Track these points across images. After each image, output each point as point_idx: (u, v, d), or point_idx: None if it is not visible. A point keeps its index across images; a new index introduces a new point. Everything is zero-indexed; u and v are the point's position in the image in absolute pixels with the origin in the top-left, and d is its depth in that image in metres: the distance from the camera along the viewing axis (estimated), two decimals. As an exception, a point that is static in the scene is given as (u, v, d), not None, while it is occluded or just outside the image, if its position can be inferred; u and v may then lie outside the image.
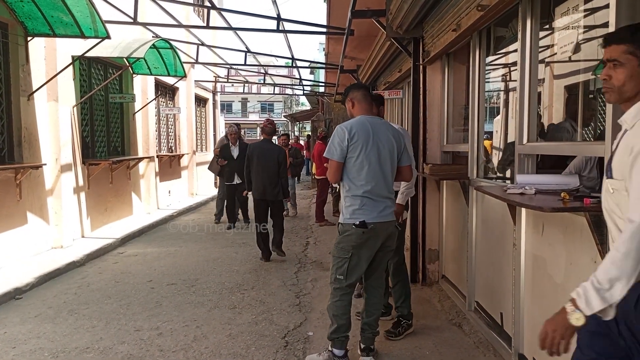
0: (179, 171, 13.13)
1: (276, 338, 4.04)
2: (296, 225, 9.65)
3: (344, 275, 3.37)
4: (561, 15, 3.22)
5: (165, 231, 9.12)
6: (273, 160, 6.58)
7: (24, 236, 6.47)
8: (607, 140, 2.27)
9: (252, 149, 6.74)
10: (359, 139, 3.29)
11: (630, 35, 1.70)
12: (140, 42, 7.98)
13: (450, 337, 4.04)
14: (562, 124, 3.71)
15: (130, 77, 9.95)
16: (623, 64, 1.69)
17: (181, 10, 12.24)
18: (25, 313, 4.69)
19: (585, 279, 1.60)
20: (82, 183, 7.93)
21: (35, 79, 6.70)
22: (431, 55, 5.18)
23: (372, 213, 3.29)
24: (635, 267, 1.51)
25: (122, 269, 6.35)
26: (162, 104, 12.40)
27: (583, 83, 3.55)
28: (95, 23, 6.38)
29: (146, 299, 5.06)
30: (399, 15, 5.22)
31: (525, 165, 3.33)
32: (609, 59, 1.73)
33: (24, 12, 6.25)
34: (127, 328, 4.29)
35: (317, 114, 20.02)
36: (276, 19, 7.78)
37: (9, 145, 6.38)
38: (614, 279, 1.53)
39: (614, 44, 1.72)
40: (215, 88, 17.64)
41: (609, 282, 1.53)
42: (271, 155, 6.61)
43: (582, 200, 2.40)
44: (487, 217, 4.05)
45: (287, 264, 6.50)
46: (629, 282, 1.52)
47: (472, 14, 3.75)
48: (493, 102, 4.91)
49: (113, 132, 9.56)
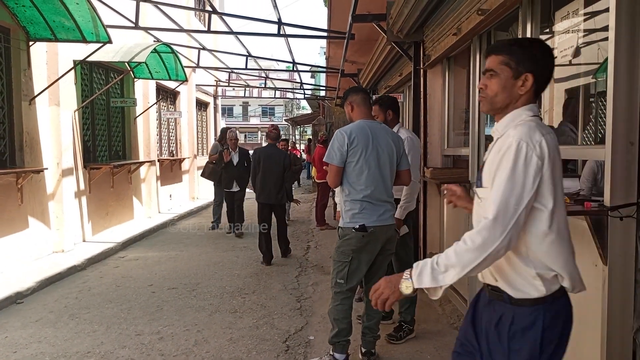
0: (180, 175, 13.14)
1: (277, 342, 4.03)
2: (297, 229, 9.64)
3: (344, 279, 3.37)
4: (561, 19, 3.23)
5: (166, 235, 9.12)
6: (279, 164, 6.76)
7: (25, 240, 6.47)
8: (608, 144, 2.27)
9: (258, 154, 6.87)
10: (358, 144, 3.30)
11: (507, 47, 1.73)
12: (142, 47, 8.01)
13: (452, 341, 4.01)
14: (560, 127, 3.71)
15: (132, 82, 9.97)
16: (498, 74, 1.71)
17: (182, 15, 12.27)
18: (26, 317, 4.69)
19: (586, 282, 1.60)
20: (83, 187, 7.94)
21: (36, 83, 6.72)
22: (432, 59, 5.19)
23: (371, 217, 3.30)
24: (473, 260, 1.54)
25: (123, 273, 6.35)
26: (163, 108, 12.43)
27: (583, 87, 3.55)
28: (97, 28, 6.41)
29: (147, 303, 5.05)
30: (400, 20, 5.24)
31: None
32: (487, 69, 1.75)
33: (26, 16, 6.28)
34: (128, 332, 4.28)
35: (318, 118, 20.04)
36: (277, 23, 7.80)
37: (11, 150, 6.39)
38: (450, 265, 1.58)
39: (493, 55, 1.74)
40: (216, 92, 17.66)
41: (445, 266, 1.59)
42: (277, 160, 6.79)
43: (583, 204, 2.40)
44: (488, 221, 4.04)
45: (288, 268, 6.50)
46: (462, 272, 1.56)
47: (473, 18, 3.76)
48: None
49: (114, 136, 9.57)
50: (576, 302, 2.59)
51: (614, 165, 2.26)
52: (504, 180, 1.55)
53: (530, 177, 1.54)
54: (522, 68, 1.69)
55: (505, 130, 1.69)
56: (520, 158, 1.54)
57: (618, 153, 2.25)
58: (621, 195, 2.26)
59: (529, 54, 1.70)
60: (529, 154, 1.55)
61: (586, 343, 2.51)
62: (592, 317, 2.44)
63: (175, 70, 9.91)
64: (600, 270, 2.33)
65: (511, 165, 1.55)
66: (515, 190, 1.54)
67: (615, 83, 2.23)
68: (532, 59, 1.70)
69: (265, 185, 6.70)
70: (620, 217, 2.25)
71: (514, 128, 1.64)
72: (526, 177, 1.54)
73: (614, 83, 2.23)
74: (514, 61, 1.69)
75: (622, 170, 2.26)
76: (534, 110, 1.72)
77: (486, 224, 1.55)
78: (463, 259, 1.56)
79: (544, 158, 1.55)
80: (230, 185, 8.62)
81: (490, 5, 3.41)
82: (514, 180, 1.54)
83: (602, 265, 2.32)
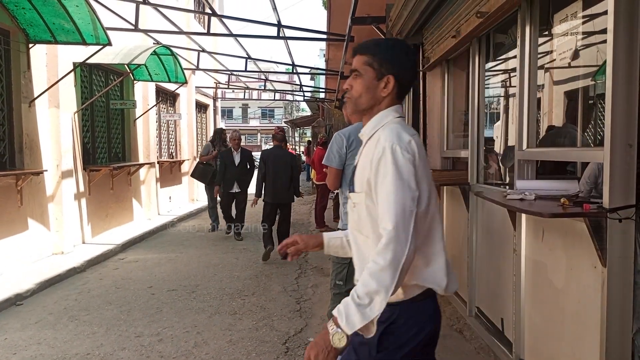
0: (179, 177, 13.15)
1: (277, 344, 4.04)
2: (296, 231, 9.64)
3: (343, 281, 3.38)
4: (560, 22, 3.24)
5: (166, 237, 9.12)
6: (287, 165, 7.06)
7: (25, 242, 6.47)
8: (606, 146, 2.28)
9: (267, 155, 7.13)
10: (357, 146, 3.30)
11: (371, 47, 1.71)
12: (142, 49, 8.02)
13: (451, 343, 4.03)
14: (564, 128, 3.71)
15: (131, 84, 9.98)
16: (362, 75, 1.69)
17: (182, 17, 12.29)
18: (25, 319, 4.69)
19: (585, 284, 1.61)
20: (82, 189, 7.94)
21: (36, 85, 6.73)
22: (431, 62, 5.20)
23: None
24: (393, 277, 1.45)
25: (123, 275, 6.35)
26: (162, 110, 12.44)
27: (582, 89, 3.56)
28: (97, 30, 6.42)
29: (147, 305, 5.05)
30: (399, 22, 5.26)
31: (525, 171, 3.33)
32: (352, 69, 1.73)
33: (26, 19, 6.29)
34: (128, 334, 4.28)
35: (317, 120, 20.07)
36: (277, 25, 7.81)
37: (10, 152, 6.40)
38: (372, 292, 1.46)
39: (358, 54, 1.72)
40: (216, 94, 17.68)
41: (368, 296, 1.47)
42: (285, 161, 7.10)
43: (582, 206, 2.41)
44: (487, 223, 4.05)
45: (288, 270, 6.50)
46: (387, 294, 1.46)
47: (472, 21, 3.77)
48: (493, 108, 4.93)
49: (114, 138, 9.58)
50: (575, 303, 2.61)
51: (613, 167, 2.27)
52: (390, 186, 1.51)
53: (412, 176, 1.53)
54: (384, 70, 1.67)
55: (372, 132, 1.68)
56: (398, 161, 1.52)
57: (617, 155, 2.26)
58: (620, 197, 2.27)
59: (391, 56, 1.68)
60: (404, 155, 1.53)
61: (585, 344, 2.52)
62: (591, 319, 2.44)
63: (174, 73, 9.93)
64: (599, 272, 2.34)
65: (392, 169, 1.52)
66: (405, 194, 1.51)
67: (613, 85, 2.24)
68: (394, 60, 1.68)
69: (276, 185, 6.95)
70: (619, 218, 2.25)
71: (382, 130, 1.63)
72: (409, 178, 1.53)
73: (613, 85, 2.24)
74: (377, 62, 1.68)
75: (621, 172, 2.27)
76: (399, 111, 1.72)
77: (389, 237, 1.48)
78: (383, 281, 1.46)
79: (415, 157, 1.56)
80: (231, 186, 8.39)
81: (489, 7, 3.42)
82: (400, 185, 1.51)
83: (601, 267, 2.32)
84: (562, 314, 2.76)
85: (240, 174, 8.37)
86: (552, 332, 2.89)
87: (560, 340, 2.80)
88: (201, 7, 15.05)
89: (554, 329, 2.87)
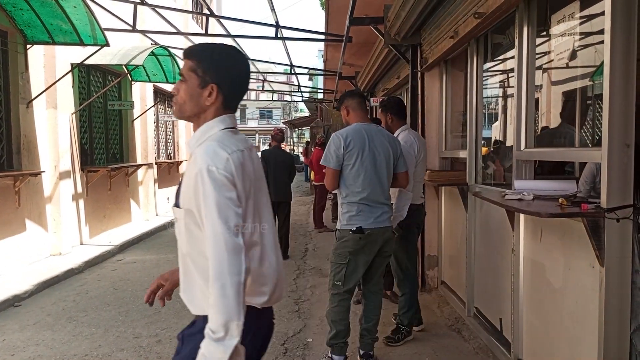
0: (177, 178, 13.13)
1: (275, 345, 4.03)
2: (295, 231, 9.63)
3: (341, 281, 3.38)
4: (557, 23, 3.25)
5: (164, 238, 9.11)
6: (286, 164, 7.37)
7: (23, 243, 6.46)
8: (604, 146, 2.29)
9: (268, 155, 7.36)
10: (354, 147, 3.32)
11: (197, 53, 1.64)
12: (139, 50, 8.02)
13: (450, 343, 4.03)
14: (559, 129, 3.72)
15: (129, 84, 9.98)
16: (187, 81, 1.63)
17: (180, 18, 12.29)
18: (24, 320, 4.68)
19: (583, 284, 1.61)
20: (80, 190, 7.93)
21: (34, 86, 6.72)
22: (429, 62, 5.21)
23: (368, 219, 3.31)
24: (235, 300, 1.44)
25: (121, 276, 6.34)
26: (160, 110, 12.43)
27: (580, 89, 3.57)
28: (95, 31, 6.41)
29: (145, 306, 5.05)
30: (397, 23, 5.26)
31: (523, 171, 3.34)
32: (180, 73, 1.68)
33: (24, 20, 6.28)
34: (126, 335, 4.28)
35: (315, 121, 20.08)
36: (275, 26, 7.81)
37: (8, 153, 6.39)
38: (223, 322, 1.44)
39: (185, 59, 1.66)
40: (214, 95, 17.63)
41: (222, 327, 1.44)
42: (285, 160, 7.42)
43: (580, 206, 2.41)
44: (485, 223, 4.06)
45: (286, 271, 6.49)
46: (240, 319, 1.45)
47: (470, 22, 3.78)
48: (491, 108, 4.94)
49: (112, 139, 9.57)
50: (573, 303, 2.61)
51: (611, 167, 2.27)
52: (212, 210, 1.48)
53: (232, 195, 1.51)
54: (208, 78, 1.61)
55: (197, 145, 1.62)
56: (215, 182, 1.49)
57: (614, 155, 2.26)
58: (618, 197, 2.28)
59: (216, 64, 1.62)
60: (220, 175, 1.49)
61: (583, 344, 2.53)
62: (589, 319, 2.45)
63: (172, 73, 9.92)
64: (597, 271, 2.35)
65: (210, 192, 1.48)
66: (229, 216, 1.48)
67: (611, 86, 2.25)
68: (220, 69, 1.62)
69: (276, 184, 7.15)
70: (617, 218, 2.26)
71: (200, 148, 1.58)
72: (230, 199, 1.50)
73: (610, 86, 2.25)
74: (202, 69, 1.61)
75: (619, 172, 2.27)
76: (226, 122, 1.65)
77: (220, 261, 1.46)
78: (229, 308, 1.44)
79: (233, 175, 1.52)
80: None
81: (487, 8, 3.43)
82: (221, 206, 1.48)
83: (599, 267, 2.33)
84: (560, 313, 2.76)
85: None
86: (550, 332, 2.90)
87: (558, 340, 2.80)
88: (199, 8, 15.04)
89: (552, 328, 2.87)
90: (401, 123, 4.16)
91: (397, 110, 4.17)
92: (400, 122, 4.16)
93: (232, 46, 1.73)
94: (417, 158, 3.97)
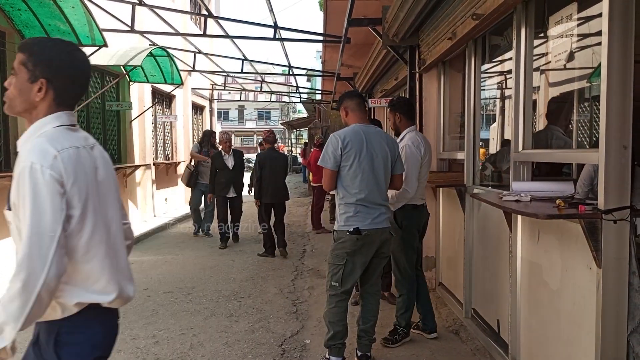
0: (175, 179, 13.12)
1: (273, 346, 4.03)
2: (293, 232, 9.63)
3: (339, 282, 3.38)
4: (555, 24, 3.26)
5: (162, 239, 9.09)
6: (281, 166, 7.43)
7: (20, 244, 6.43)
8: (601, 147, 2.29)
9: (263, 157, 7.38)
10: (352, 148, 3.31)
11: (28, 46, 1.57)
12: (138, 50, 8.01)
13: (447, 344, 4.03)
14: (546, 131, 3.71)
15: (127, 85, 9.96)
16: (17, 74, 1.56)
17: (178, 19, 12.27)
18: (20, 322, 4.66)
19: (580, 285, 1.61)
20: (78, 191, 7.89)
21: (32, 87, 6.70)
22: (427, 63, 5.22)
23: (365, 220, 3.31)
24: (23, 306, 1.39)
25: (119, 277, 6.31)
26: (159, 111, 12.41)
27: (578, 91, 3.58)
28: (93, 31, 6.41)
29: (142, 307, 5.04)
30: (395, 24, 5.27)
31: (520, 173, 3.35)
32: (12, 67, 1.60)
33: (22, 20, 6.27)
34: (124, 336, 4.26)
35: (314, 122, 20.08)
36: (273, 27, 7.81)
37: (6, 154, 6.38)
38: (2, 323, 1.41)
39: (18, 52, 1.58)
40: (212, 96, 17.66)
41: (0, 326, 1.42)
42: (279, 162, 7.44)
43: (577, 207, 2.42)
44: (483, 224, 4.06)
45: (284, 272, 6.49)
46: (18, 324, 1.40)
47: (468, 23, 3.78)
48: (489, 109, 4.94)
49: (110, 139, 9.56)
50: (571, 304, 2.61)
51: (608, 169, 2.28)
52: (29, 209, 1.41)
53: (55, 196, 1.43)
54: (38, 72, 1.54)
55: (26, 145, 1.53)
56: (37, 182, 1.41)
57: (611, 156, 2.27)
58: (615, 199, 2.28)
59: (47, 58, 1.55)
60: (45, 175, 1.42)
61: (581, 345, 2.53)
62: (586, 320, 2.45)
63: (171, 74, 9.92)
64: (595, 273, 2.35)
65: (29, 191, 1.41)
66: (45, 216, 1.41)
67: (608, 87, 2.25)
68: (51, 63, 1.55)
69: (272, 185, 7.21)
70: (614, 220, 2.26)
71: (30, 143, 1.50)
72: (51, 199, 1.42)
73: (607, 87, 2.25)
74: (32, 63, 1.54)
75: (616, 173, 2.28)
76: (62, 119, 1.58)
77: (21, 264, 1.41)
78: (11, 313, 1.39)
79: (61, 173, 1.45)
80: (227, 190, 7.98)
81: (485, 10, 3.44)
82: (39, 206, 1.41)
83: (596, 268, 2.33)
84: (557, 315, 2.77)
85: (236, 177, 8.08)
86: (547, 333, 2.90)
87: (555, 341, 2.81)
88: (197, 9, 15.04)
89: (549, 330, 2.88)
90: (410, 123, 4.15)
91: (406, 110, 4.15)
92: (408, 122, 4.14)
93: (70, 42, 1.66)
94: (422, 159, 3.96)
